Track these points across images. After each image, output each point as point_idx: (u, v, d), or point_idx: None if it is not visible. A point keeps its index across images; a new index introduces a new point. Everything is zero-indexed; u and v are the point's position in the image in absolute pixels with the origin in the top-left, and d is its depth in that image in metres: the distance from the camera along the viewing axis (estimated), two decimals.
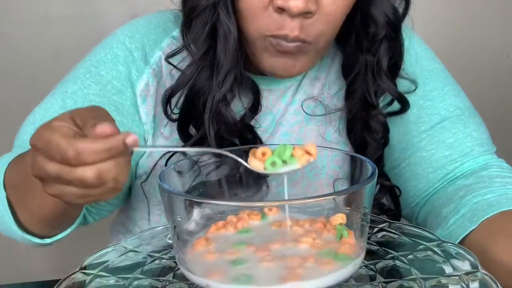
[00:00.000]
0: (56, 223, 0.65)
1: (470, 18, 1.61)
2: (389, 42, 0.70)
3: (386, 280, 0.48)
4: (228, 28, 0.64)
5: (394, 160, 0.77)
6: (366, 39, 0.70)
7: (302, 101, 0.75)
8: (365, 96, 0.71)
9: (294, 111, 0.75)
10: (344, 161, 0.70)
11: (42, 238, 0.67)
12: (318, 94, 0.75)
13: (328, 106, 0.75)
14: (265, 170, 0.50)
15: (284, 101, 0.75)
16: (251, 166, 0.50)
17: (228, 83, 0.66)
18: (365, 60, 0.70)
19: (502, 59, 1.64)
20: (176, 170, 0.54)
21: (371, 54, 0.70)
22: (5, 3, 1.31)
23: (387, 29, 0.69)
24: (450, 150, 0.72)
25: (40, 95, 0.73)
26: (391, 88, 0.71)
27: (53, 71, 0.81)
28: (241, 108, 0.71)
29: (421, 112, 0.74)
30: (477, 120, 0.75)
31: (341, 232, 0.49)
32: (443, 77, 0.77)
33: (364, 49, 0.70)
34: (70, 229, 0.68)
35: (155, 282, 0.50)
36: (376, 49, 0.70)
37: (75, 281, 0.49)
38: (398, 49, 0.71)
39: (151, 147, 0.73)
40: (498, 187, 0.66)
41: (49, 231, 0.66)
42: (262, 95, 0.72)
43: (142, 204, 0.75)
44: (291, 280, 0.43)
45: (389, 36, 0.69)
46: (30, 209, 0.62)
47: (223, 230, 0.52)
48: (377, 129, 0.72)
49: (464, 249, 0.51)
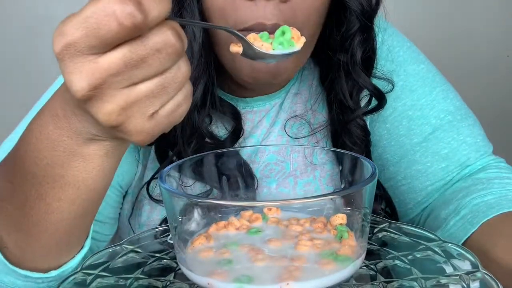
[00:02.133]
0: (69, 233, 0.51)
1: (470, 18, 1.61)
2: (362, 35, 0.67)
3: (386, 280, 0.48)
4: (193, 32, 0.59)
5: (389, 173, 0.76)
6: (338, 35, 0.67)
7: (285, 120, 0.72)
8: (341, 99, 0.69)
9: (279, 132, 0.72)
10: (334, 180, 0.69)
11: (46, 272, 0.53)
12: (302, 112, 0.73)
13: (313, 124, 0.73)
14: (274, 51, 0.46)
15: (268, 122, 0.72)
16: (261, 48, 0.46)
17: (197, 93, 0.61)
18: (338, 61, 0.68)
19: (502, 59, 1.64)
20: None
21: (344, 52, 0.67)
22: (5, 3, 1.31)
23: (360, 19, 0.66)
24: (446, 162, 0.71)
25: (40, 95, 0.73)
26: (367, 82, 0.69)
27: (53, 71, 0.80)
28: (224, 133, 0.69)
29: (412, 124, 0.73)
30: (469, 121, 0.73)
31: (341, 233, 0.49)
32: (430, 79, 0.75)
33: (338, 48, 0.67)
34: (80, 255, 0.55)
35: (156, 282, 0.50)
36: (350, 44, 0.67)
37: (76, 281, 0.49)
38: (371, 43, 0.69)
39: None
40: (498, 188, 0.66)
41: (55, 256, 0.53)
42: (244, 117, 0.70)
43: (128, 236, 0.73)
44: (291, 280, 0.43)
45: (363, 26, 0.66)
46: (33, 226, 0.49)
47: (223, 230, 0.52)
48: (357, 133, 0.70)
49: (464, 249, 0.51)
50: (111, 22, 0.34)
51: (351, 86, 0.69)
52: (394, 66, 0.74)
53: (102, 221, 0.70)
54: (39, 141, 0.45)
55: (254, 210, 0.54)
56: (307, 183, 0.70)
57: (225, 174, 0.62)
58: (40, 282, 0.54)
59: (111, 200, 0.71)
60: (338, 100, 0.70)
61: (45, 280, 0.53)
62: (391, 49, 0.74)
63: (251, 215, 0.53)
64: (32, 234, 0.49)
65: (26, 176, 0.47)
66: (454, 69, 0.81)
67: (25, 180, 0.47)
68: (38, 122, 0.45)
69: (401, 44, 0.76)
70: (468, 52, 1.60)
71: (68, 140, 0.43)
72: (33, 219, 0.48)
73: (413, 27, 0.75)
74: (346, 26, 0.67)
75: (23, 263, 0.52)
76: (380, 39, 0.72)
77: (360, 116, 0.70)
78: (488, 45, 1.61)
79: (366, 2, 0.66)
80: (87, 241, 0.56)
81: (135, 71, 0.36)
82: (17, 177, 0.48)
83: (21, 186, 0.48)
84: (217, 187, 0.63)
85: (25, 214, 0.48)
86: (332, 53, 0.69)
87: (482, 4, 1.59)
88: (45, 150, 0.44)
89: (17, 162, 0.48)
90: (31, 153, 0.46)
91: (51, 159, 0.44)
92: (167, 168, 0.52)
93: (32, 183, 0.47)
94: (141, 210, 0.72)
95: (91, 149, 0.43)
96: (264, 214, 0.54)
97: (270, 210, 0.54)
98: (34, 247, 0.51)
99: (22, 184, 0.47)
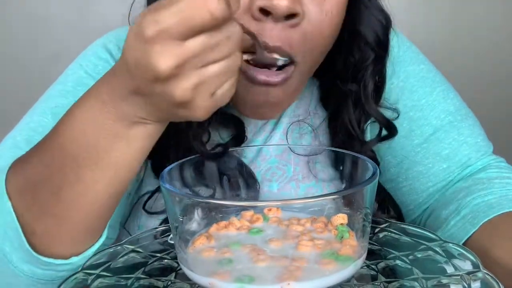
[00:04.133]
0: (99, 217, 0.53)
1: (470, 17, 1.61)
2: (376, 65, 0.66)
3: (387, 280, 0.48)
4: None
5: (390, 175, 0.75)
6: (350, 66, 0.65)
7: (288, 125, 0.71)
8: (347, 127, 0.68)
9: (280, 136, 0.71)
10: (336, 184, 0.68)
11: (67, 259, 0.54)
12: (305, 117, 0.72)
13: (317, 130, 0.72)
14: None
15: (270, 127, 0.72)
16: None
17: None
18: (349, 91, 0.66)
19: (502, 59, 1.64)
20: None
21: (355, 82, 0.66)
22: (5, 3, 1.31)
23: (376, 49, 0.65)
24: (448, 162, 0.71)
25: (40, 96, 0.73)
26: (378, 113, 0.68)
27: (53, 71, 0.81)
28: (226, 135, 0.68)
29: (413, 125, 0.72)
30: (470, 121, 0.73)
31: (342, 233, 0.49)
32: (430, 79, 0.74)
33: (349, 78, 0.66)
34: (98, 243, 0.56)
35: (157, 282, 0.50)
36: (362, 75, 0.65)
37: (77, 281, 0.49)
38: (383, 71, 0.68)
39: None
40: (498, 188, 0.66)
41: (82, 241, 0.54)
42: (247, 123, 0.69)
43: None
44: (292, 280, 0.43)
45: (378, 57, 0.65)
46: (67, 210, 0.51)
47: (224, 230, 0.52)
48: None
49: (465, 249, 0.51)
50: (205, 14, 0.40)
51: (358, 115, 0.68)
52: (394, 67, 0.73)
53: (112, 226, 0.70)
54: (84, 125, 0.49)
55: (255, 210, 0.54)
56: (310, 187, 0.70)
57: (226, 174, 0.62)
58: (61, 270, 0.54)
59: (121, 204, 0.70)
60: (344, 129, 0.69)
61: (66, 268, 0.54)
62: (391, 50, 0.74)
63: (252, 215, 0.53)
64: (64, 218, 0.51)
65: (65, 160, 0.49)
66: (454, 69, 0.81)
67: (64, 164, 0.49)
68: (82, 108, 0.49)
69: (401, 44, 0.75)
70: (468, 52, 1.60)
71: (113, 124, 0.47)
72: (68, 202, 0.50)
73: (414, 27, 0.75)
74: (360, 57, 0.65)
75: (49, 249, 0.53)
76: None
77: (369, 147, 0.69)
78: (488, 45, 1.62)
79: (381, 30, 0.65)
80: (105, 230, 0.57)
81: (209, 54, 0.42)
82: (55, 161, 0.50)
83: (59, 170, 0.50)
84: (218, 187, 0.62)
85: (60, 198, 0.50)
86: (341, 81, 0.67)
87: (483, 5, 1.59)
88: (90, 133, 0.48)
89: (56, 146, 0.50)
90: (74, 136, 0.49)
91: (94, 142, 0.48)
92: (168, 168, 0.52)
93: (72, 167, 0.49)
94: (140, 212, 0.72)
95: (135, 132, 0.48)
96: (265, 214, 0.54)
97: (270, 210, 0.54)
98: (64, 231, 0.52)
99: (61, 168, 0.50)
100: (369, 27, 0.65)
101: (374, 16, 0.65)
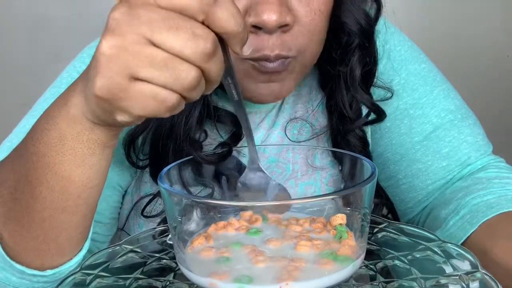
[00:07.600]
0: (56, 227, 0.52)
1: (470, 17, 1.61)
2: (361, 51, 0.67)
3: (386, 280, 0.48)
4: None
5: (389, 172, 0.76)
6: (339, 49, 0.67)
7: (286, 122, 0.72)
8: (341, 108, 0.69)
9: (279, 133, 0.72)
10: (335, 182, 0.69)
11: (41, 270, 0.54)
12: (302, 113, 0.73)
13: (314, 125, 0.73)
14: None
15: (267, 124, 0.72)
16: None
17: (193, 119, 0.62)
18: (339, 71, 0.68)
19: (502, 59, 1.64)
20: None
21: (344, 65, 0.67)
22: (5, 3, 1.31)
23: (360, 37, 0.66)
24: (447, 160, 0.72)
25: (40, 95, 0.73)
26: (366, 98, 0.69)
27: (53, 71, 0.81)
28: (224, 133, 0.68)
29: (413, 122, 0.73)
30: (470, 120, 0.74)
31: (341, 233, 0.49)
32: (431, 78, 0.75)
33: (338, 60, 0.67)
34: (77, 258, 0.55)
35: (156, 282, 0.50)
36: (349, 59, 0.67)
37: (75, 281, 0.49)
38: (371, 56, 0.69)
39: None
40: (498, 188, 0.66)
41: (47, 253, 0.53)
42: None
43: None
44: (291, 280, 0.43)
45: (362, 44, 0.67)
46: (22, 214, 0.51)
47: (223, 230, 0.52)
48: (355, 144, 0.70)
49: (464, 249, 0.51)
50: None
51: (350, 98, 0.69)
52: (395, 65, 0.74)
53: (103, 222, 0.70)
54: (40, 123, 0.49)
55: (254, 210, 0.54)
56: (308, 185, 0.70)
57: (225, 174, 0.62)
58: (35, 281, 0.54)
59: (111, 200, 0.71)
60: (338, 109, 0.70)
61: (40, 280, 0.54)
62: (393, 48, 0.74)
63: (251, 215, 0.53)
64: (22, 224, 0.51)
65: (20, 159, 0.50)
66: (454, 69, 0.81)
67: (20, 164, 0.50)
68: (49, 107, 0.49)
69: (402, 43, 0.76)
70: (468, 52, 1.60)
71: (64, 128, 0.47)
72: (21, 204, 0.50)
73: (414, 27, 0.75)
74: (345, 43, 0.67)
75: (17, 257, 0.53)
76: (381, 38, 0.72)
77: (359, 127, 0.70)
78: (488, 45, 1.62)
79: (364, 20, 0.66)
80: (86, 243, 0.56)
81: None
82: (15, 161, 0.51)
83: (17, 170, 0.51)
84: (216, 187, 0.63)
85: (15, 198, 0.51)
86: (331, 65, 0.68)
87: (482, 4, 1.59)
88: (41, 131, 0.48)
89: (19, 146, 0.52)
90: (29, 134, 0.50)
91: (45, 142, 0.48)
92: (166, 168, 0.52)
93: (27, 168, 0.49)
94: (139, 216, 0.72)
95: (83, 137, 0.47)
96: (264, 214, 0.54)
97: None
98: (25, 238, 0.52)
99: (19, 168, 0.50)
100: (352, 16, 0.66)
101: (357, 5, 0.66)
